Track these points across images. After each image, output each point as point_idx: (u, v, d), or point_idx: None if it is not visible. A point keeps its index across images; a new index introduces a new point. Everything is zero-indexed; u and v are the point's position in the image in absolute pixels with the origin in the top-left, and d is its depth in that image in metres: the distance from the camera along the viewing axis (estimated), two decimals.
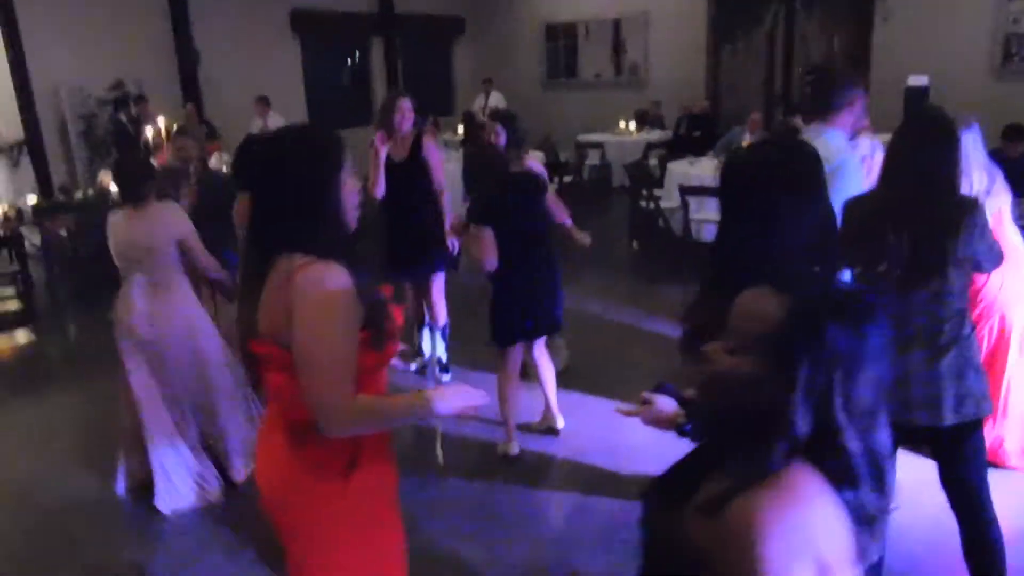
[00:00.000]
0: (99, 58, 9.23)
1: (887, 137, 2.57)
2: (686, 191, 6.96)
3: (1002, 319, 3.24)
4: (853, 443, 1.08)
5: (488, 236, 3.49)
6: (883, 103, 8.86)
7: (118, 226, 3.46)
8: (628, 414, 1.77)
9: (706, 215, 7.20)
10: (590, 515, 3.29)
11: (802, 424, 1.07)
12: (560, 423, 4.07)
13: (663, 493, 1.33)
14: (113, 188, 6.43)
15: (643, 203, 7.84)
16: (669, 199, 7.70)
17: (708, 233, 7.34)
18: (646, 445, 3.75)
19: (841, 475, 1.09)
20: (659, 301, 6.23)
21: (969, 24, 9.58)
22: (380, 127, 4.43)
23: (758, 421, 1.12)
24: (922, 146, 2.33)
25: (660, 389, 1.75)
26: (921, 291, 2.31)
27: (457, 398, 1.63)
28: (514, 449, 3.84)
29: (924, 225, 2.28)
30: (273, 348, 1.64)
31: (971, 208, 2.30)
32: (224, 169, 8.28)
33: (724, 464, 1.19)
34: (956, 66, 9.51)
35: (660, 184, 8.08)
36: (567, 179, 10.12)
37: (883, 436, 1.13)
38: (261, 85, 10.25)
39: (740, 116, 11.13)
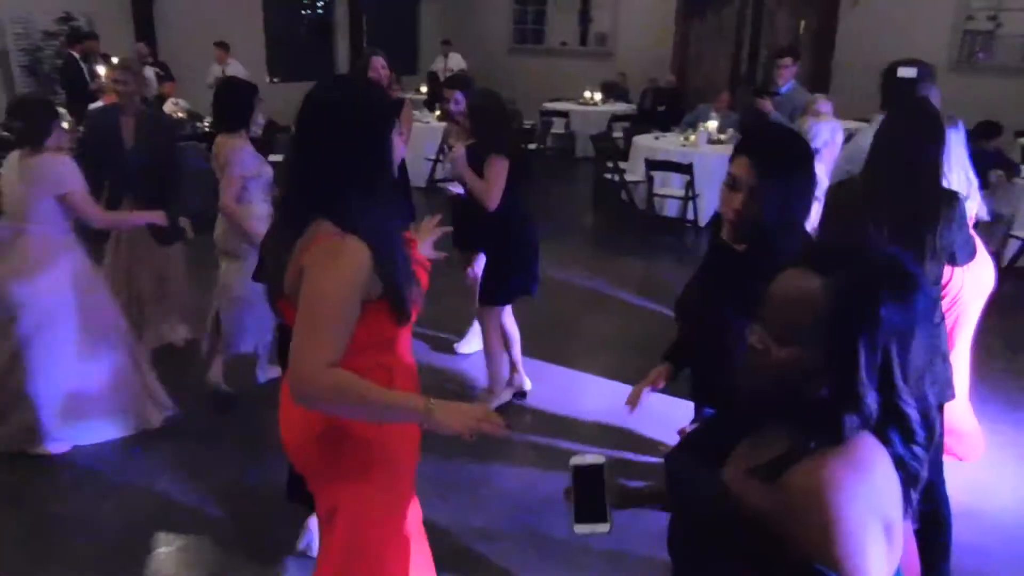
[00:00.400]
0: None
1: (851, 124, 2.61)
2: (652, 166, 6.98)
3: (958, 316, 3.33)
4: (912, 410, 1.12)
5: (503, 169, 3.45)
6: (845, 86, 9.04)
7: (10, 170, 3.29)
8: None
9: (671, 190, 7.25)
10: (552, 481, 3.32)
11: (871, 402, 1.09)
12: (528, 385, 4.08)
13: (693, 457, 1.33)
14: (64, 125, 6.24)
15: (608, 175, 7.84)
16: (634, 172, 7.71)
17: (671, 208, 7.41)
18: (606, 411, 3.84)
19: (897, 433, 1.12)
20: (621, 272, 6.27)
21: (932, 18, 9.77)
22: None
23: (821, 404, 1.12)
24: (909, 137, 2.36)
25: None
26: None
27: (466, 419, 1.52)
28: (528, 383, 4.06)
29: (904, 214, 2.32)
30: (289, 306, 1.65)
31: (950, 199, 2.34)
32: (180, 115, 8.00)
33: (759, 431, 1.23)
34: (917, 55, 9.69)
35: (625, 157, 8.08)
36: (531, 146, 10.05)
37: (931, 390, 1.18)
38: (219, 30, 9.86)
39: (705, 93, 11.19)
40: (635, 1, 12.23)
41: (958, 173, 2.96)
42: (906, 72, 3.06)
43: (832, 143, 4.05)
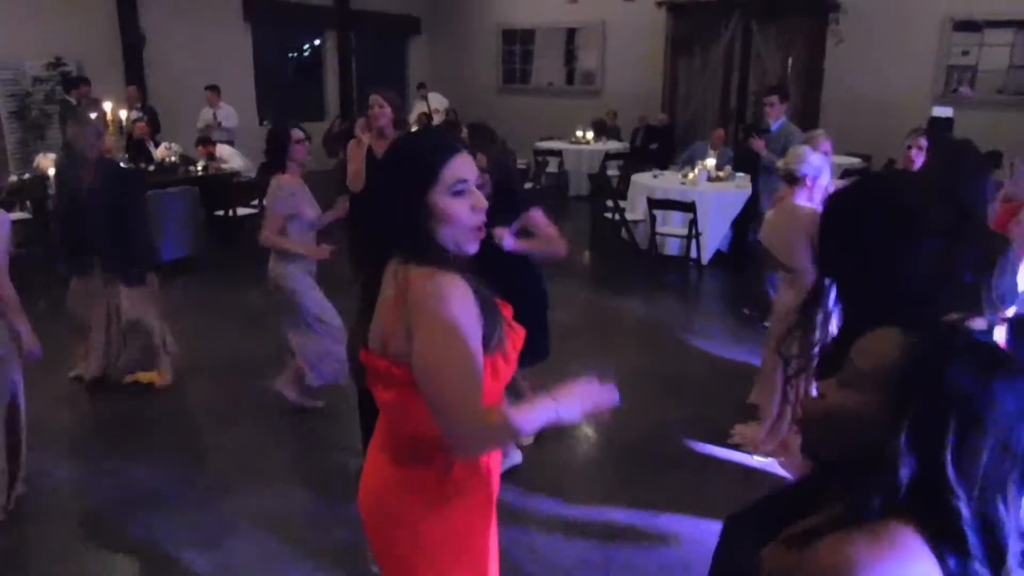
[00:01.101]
0: (35, 33, 8.66)
1: (842, 159, 2.56)
2: (654, 204, 6.96)
3: None
4: (964, 506, 0.99)
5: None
6: (833, 122, 9.16)
7: None
8: None
9: (671, 228, 7.23)
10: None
11: (904, 471, 0.99)
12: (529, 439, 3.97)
13: (750, 527, 1.26)
14: (51, 172, 6.15)
15: (607, 214, 7.82)
16: (633, 211, 7.70)
17: (672, 247, 7.39)
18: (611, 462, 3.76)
19: (946, 538, 0.99)
20: (624, 311, 6.21)
21: (916, 53, 9.97)
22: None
23: (861, 462, 1.04)
24: (958, 177, 2.33)
25: None
26: None
27: (584, 399, 1.48)
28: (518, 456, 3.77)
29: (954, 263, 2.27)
30: (385, 363, 1.53)
31: (1004, 244, 2.31)
32: (173, 159, 7.91)
33: (820, 505, 1.12)
34: (902, 90, 9.93)
35: (623, 195, 8.08)
36: (527, 186, 10.03)
37: (1011, 513, 1.03)
38: (209, 73, 9.82)
39: (695, 130, 11.30)
40: (621, 40, 12.37)
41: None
42: (940, 112, 3.04)
43: (821, 175, 3.95)
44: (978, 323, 2.23)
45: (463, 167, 1.52)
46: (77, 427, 4.22)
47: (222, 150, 8.35)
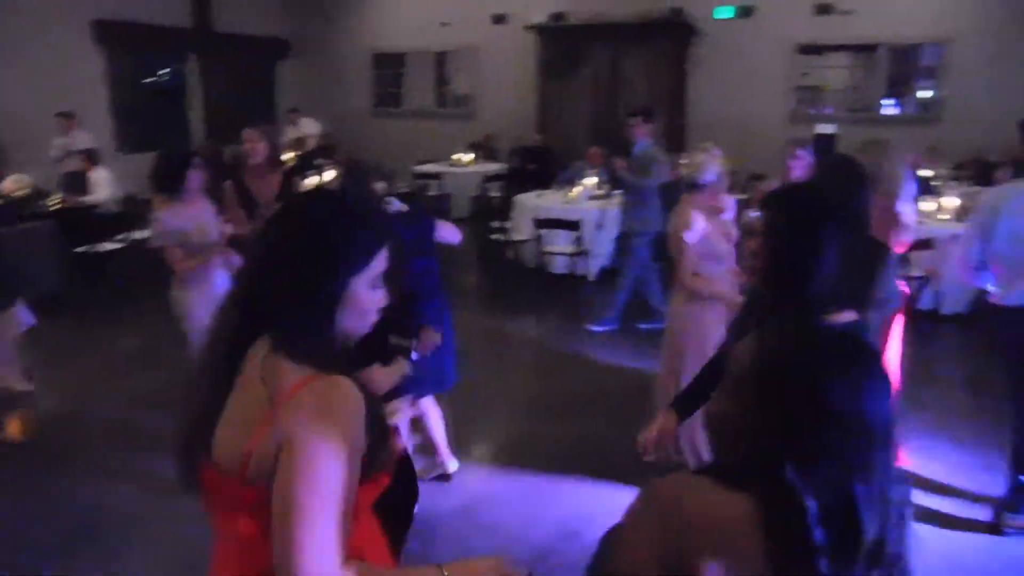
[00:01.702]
0: None
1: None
2: (541, 224, 7.07)
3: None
4: (810, 502, 1.01)
5: None
6: (697, 143, 9.66)
7: None
8: None
9: (557, 247, 7.37)
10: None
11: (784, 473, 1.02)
12: (454, 466, 3.90)
13: None
14: None
15: (492, 235, 7.87)
16: (519, 231, 7.79)
17: (560, 265, 7.52)
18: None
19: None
20: (515, 332, 6.24)
21: (769, 75, 10.72)
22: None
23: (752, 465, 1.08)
24: (843, 189, 2.50)
25: None
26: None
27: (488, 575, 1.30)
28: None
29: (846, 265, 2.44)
30: (250, 490, 1.23)
31: (885, 251, 2.50)
32: (21, 192, 7.26)
33: None
34: (758, 111, 10.65)
35: (506, 216, 8.16)
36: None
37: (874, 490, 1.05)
38: (59, 98, 9.13)
39: (571, 150, 11.59)
40: (493, 63, 12.56)
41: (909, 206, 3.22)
42: (823, 129, 3.29)
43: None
44: (847, 316, 2.38)
45: (386, 259, 1.34)
46: None
47: (97, 174, 7.76)
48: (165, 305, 3.94)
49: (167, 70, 12.52)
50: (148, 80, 12.38)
